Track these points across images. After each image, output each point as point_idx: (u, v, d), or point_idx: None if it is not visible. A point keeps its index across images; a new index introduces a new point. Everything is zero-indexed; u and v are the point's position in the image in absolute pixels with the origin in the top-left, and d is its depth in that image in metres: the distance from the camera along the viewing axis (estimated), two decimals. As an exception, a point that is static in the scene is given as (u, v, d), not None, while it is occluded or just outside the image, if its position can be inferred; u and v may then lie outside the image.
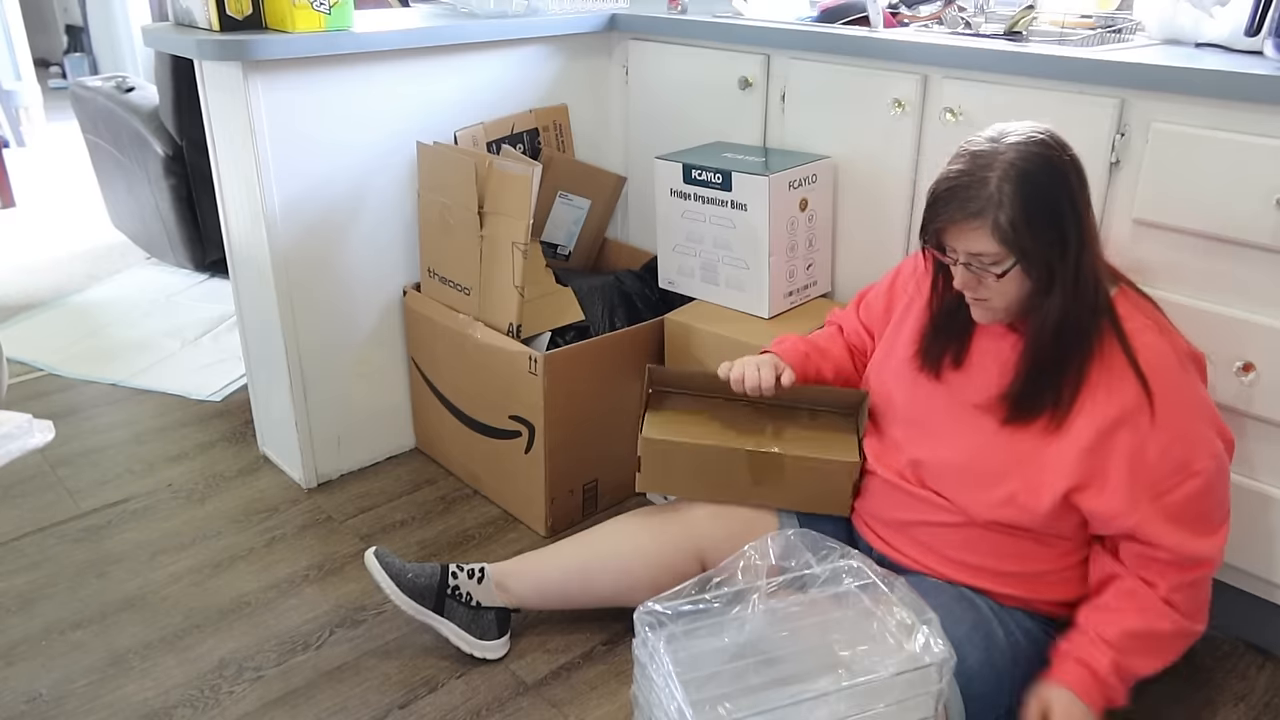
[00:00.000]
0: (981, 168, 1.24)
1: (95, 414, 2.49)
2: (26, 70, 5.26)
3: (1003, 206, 1.22)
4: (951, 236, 1.28)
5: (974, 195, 1.23)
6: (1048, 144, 1.25)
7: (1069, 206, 1.25)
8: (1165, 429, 1.27)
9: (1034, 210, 1.22)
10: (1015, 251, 1.24)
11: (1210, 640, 1.70)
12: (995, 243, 1.23)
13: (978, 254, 1.26)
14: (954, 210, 1.25)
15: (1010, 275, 1.26)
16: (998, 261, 1.25)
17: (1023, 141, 1.24)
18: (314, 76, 1.90)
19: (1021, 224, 1.22)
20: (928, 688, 1.19)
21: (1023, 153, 1.23)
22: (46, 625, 1.75)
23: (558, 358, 1.88)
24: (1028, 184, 1.22)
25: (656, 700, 1.22)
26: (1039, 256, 1.24)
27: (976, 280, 1.29)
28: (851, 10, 2.01)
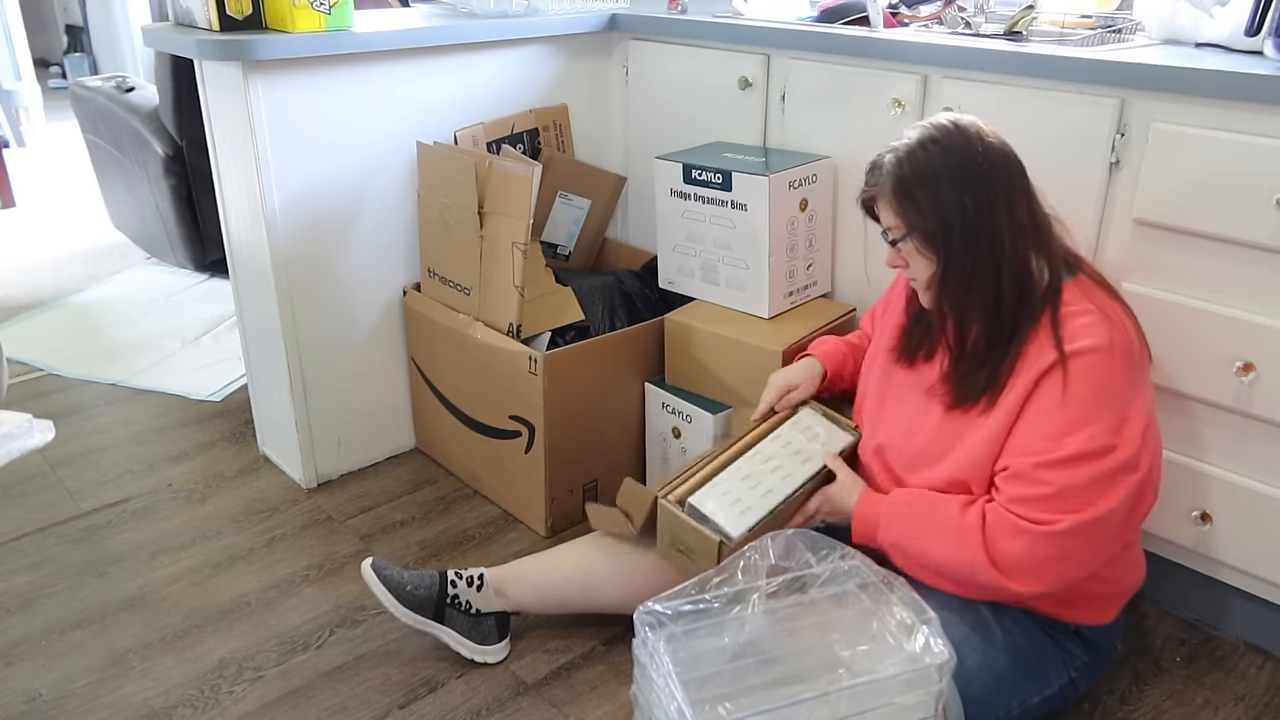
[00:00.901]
0: (899, 147, 1.33)
1: (95, 414, 2.49)
2: (26, 70, 5.26)
3: (889, 176, 1.32)
4: (879, 210, 1.37)
5: (874, 169, 1.35)
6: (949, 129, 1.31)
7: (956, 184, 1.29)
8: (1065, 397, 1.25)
9: (912, 181, 1.30)
10: (904, 221, 1.32)
11: (1210, 640, 1.70)
12: (892, 214, 1.34)
13: (887, 226, 1.36)
14: (868, 182, 1.37)
15: (908, 248, 1.34)
16: (894, 230, 1.34)
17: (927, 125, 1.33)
18: (314, 76, 1.90)
19: (902, 193, 1.31)
20: (928, 688, 1.19)
21: (922, 132, 1.32)
22: (46, 625, 1.75)
23: (558, 358, 1.88)
24: (909, 158, 1.31)
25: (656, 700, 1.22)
26: (923, 229, 1.31)
27: (896, 255, 1.37)
28: (851, 10, 2.01)
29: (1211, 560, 1.63)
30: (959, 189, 1.29)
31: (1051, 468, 1.25)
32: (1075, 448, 1.24)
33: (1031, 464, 1.26)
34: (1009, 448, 1.30)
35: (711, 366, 1.93)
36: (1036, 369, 1.28)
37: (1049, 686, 1.39)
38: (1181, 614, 1.76)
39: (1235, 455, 1.55)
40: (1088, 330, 1.28)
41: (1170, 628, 1.73)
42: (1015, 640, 1.37)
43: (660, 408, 2.03)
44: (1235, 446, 1.55)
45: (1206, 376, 1.53)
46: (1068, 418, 1.25)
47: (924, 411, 1.42)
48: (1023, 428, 1.29)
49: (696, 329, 1.94)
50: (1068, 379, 1.26)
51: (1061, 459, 1.24)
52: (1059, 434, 1.25)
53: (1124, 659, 1.65)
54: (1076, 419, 1.25)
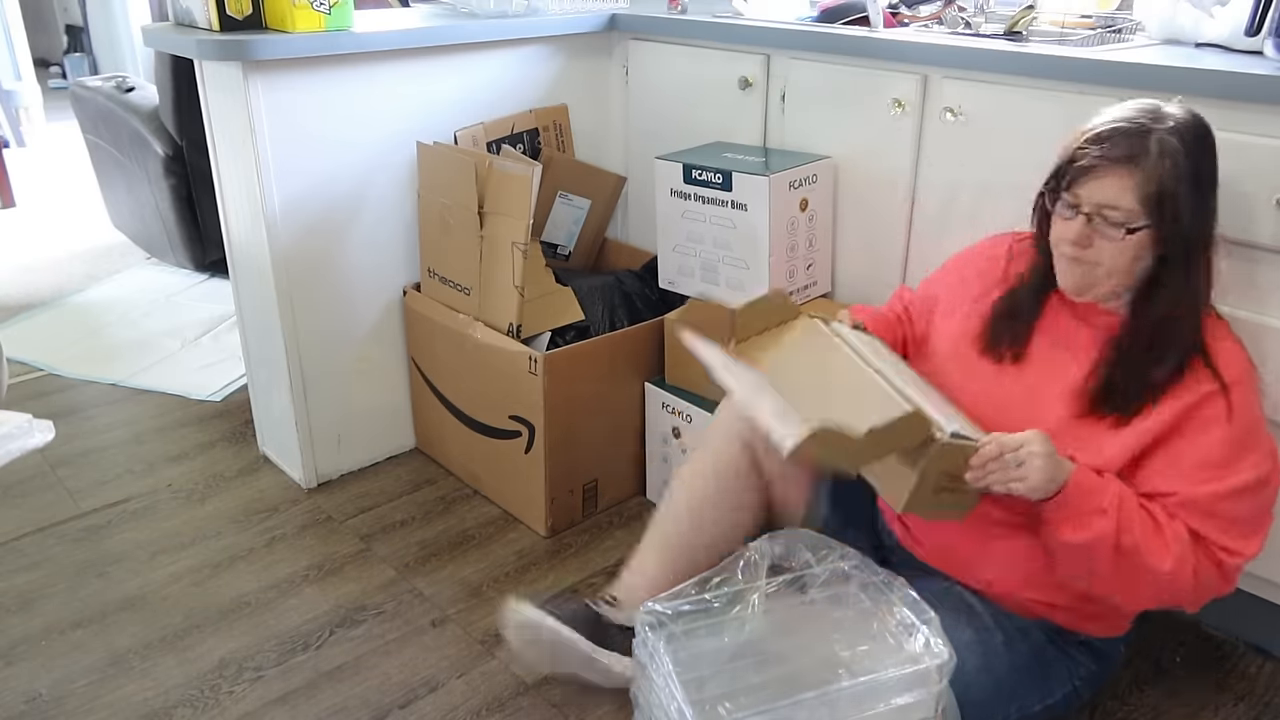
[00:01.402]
0: (1151, 119, 1.18)
1: (95, 414, 2.49)
2: (26, 70, 5.26)
3: (1164, 162, 1.16)
4: (1091, 181, 1.19)
5: (1135, 140, 1.17)
6: (1207, 127, 1.20)
7: (1212, 194, 1.21)
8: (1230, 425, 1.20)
9: (1193, 177, 1.17)
10: (1154, 214, 1.17)
11: (1210, 640, 1.70)
12: (1136, 199, 1.17)
13: (1110, 206, 1.18)
14: (1108, 149, 1.17)
15: (1135, 238, 1.18)
16: (1130, 219, 1.17)
17: (1187, 113, 1.20)
18: (314, 76, 1.90)
19: (1174, 186, 1.16)
20: (928, 688, 1.19)
21: (1195, 123, 1.19)
22: (46, 625, 1.75)
23: (558, 358, 1.88)
24: (1193, 149, 1.17)
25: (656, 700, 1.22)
26: (1173, 229, 1.18)
27: (1089, 237, 1.21)
28: (851, 10, 2.01)
29: (1211, 560, 1.63)
30: (1214, 199, 1.21)
31: (1226, 499, 1.20)
32: (1246, 476, 1.20)
33: (1208, 494, 1.20)
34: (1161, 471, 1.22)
35: (711, 366, 1.92)
36: (1191, 395, 1.21)
37: (1051, 695, 1.37)
38: (1181, 614, 1.75)
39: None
40: (1238, 359, 1.24)
41: (1170, 628, 1.73)
42: (1018, 647, 1.34)
43: (660, 408, 2.03)
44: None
45: (1206, 376, 1.52)
46: (1233, 447, 1.20)
47: (1034, 413, 1.29)
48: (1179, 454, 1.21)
49: (696, 329, 1.93)
50: (1232, 409, 1.20)
51: (1235, 489, 1.20)
52: (1226, 462, 1.20)
53: (1124, 659, 1.65)
54: (1241, 448, 1.20)
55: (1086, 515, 1.18)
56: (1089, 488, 1.19)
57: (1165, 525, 1.20)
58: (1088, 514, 1.18)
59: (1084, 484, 1.19)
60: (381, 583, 1.86)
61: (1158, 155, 1.16)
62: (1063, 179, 1.23)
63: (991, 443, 1.19)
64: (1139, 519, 1.20)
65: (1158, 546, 1.19)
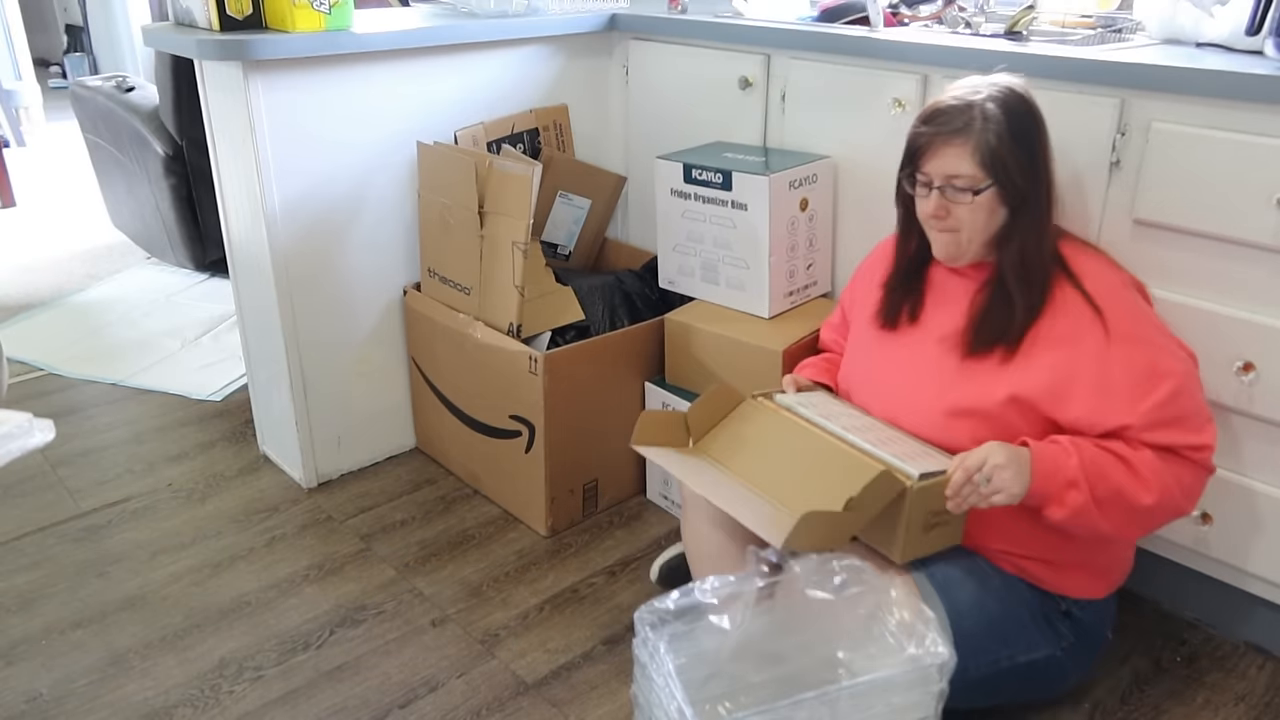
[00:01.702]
0: (967, 96, 1.33)
1: (95, 414, 2.49)
2: (26, 70, 5.26)
3: (988, 128, 1.30)
4: (932, 157, 1.34)
5: (960, 114, 1.32)
6: (1022, 93, 1.35)
7: (1040, 144, 1.35)
8: (1121, 342, 1.30)
9: (1014, 136, 1.31)
10: (993, 173, 1.31)
11: (1210, 640, 1.70)
12: (974, 164, 1.31)
13: (955, 175, 1.32)
14: (939, 127, 1.33)
15: (983, 199, 1.32)
16: (975, 183, 1.32)
17: (1001, 84, 1.35)
18: (314, 76, 1.90)
19: (1001, 147, 1.30)
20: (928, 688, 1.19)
21: (1004, 90, 1.34)
22: (46, 625, 1.75)
23: (558, 357, 1.88)
24: (1010, 112, 1.32)
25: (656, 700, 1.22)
26: (1012, 183, 1.32)
27: (946, 207, 1.35)
28: (851, 10, 2.01)
29: (1211, 560, 1.63)
30: (1043, 149, 1.35)
31: (1170, 402, 1.28)
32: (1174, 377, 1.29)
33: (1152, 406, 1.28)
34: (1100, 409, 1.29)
35: (711, 366, 1.93)
36: (1069, 322, 1.32)
37: (1035, 650, 1.39)
38: (1181, 614, 1.76)
39: (1235, 455, 1.55)
40: (1104, 273, 1.36)
41: (1170, 628, 1.73)
42: (1012, 594, 1.39)
43: (660, 407, 2.03)
44: (1235, 446, 1.55)
45: (1206, 376, 1.52)
46: (1144, 355, 1.30)
47: (934, 369, 1.42)
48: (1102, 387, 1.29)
49: (696, 329, 1.94)
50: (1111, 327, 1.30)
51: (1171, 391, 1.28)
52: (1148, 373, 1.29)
53: (1124, 659, 1.65)
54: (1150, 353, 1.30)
55: (1060, 492, 1.28)
56: (1051, 468, 1.28)
57: (1134, 460, 1.28)
58: (1061, 490, 1.28)
59: (1046, 467, 1.28)
60: (381, 583, 1.86)
61: (982, 122, 1.31)
62: (910, 161, 1.38)
63: (958, 469, 1.28)
64: (1108, 468, 1.28)
65: (1135, 485, 1.28)
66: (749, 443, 1.50)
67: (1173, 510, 1.32)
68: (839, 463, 1.37)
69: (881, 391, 1.50)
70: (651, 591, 1.80)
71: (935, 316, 1.46)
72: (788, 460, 1.43)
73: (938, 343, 1.43)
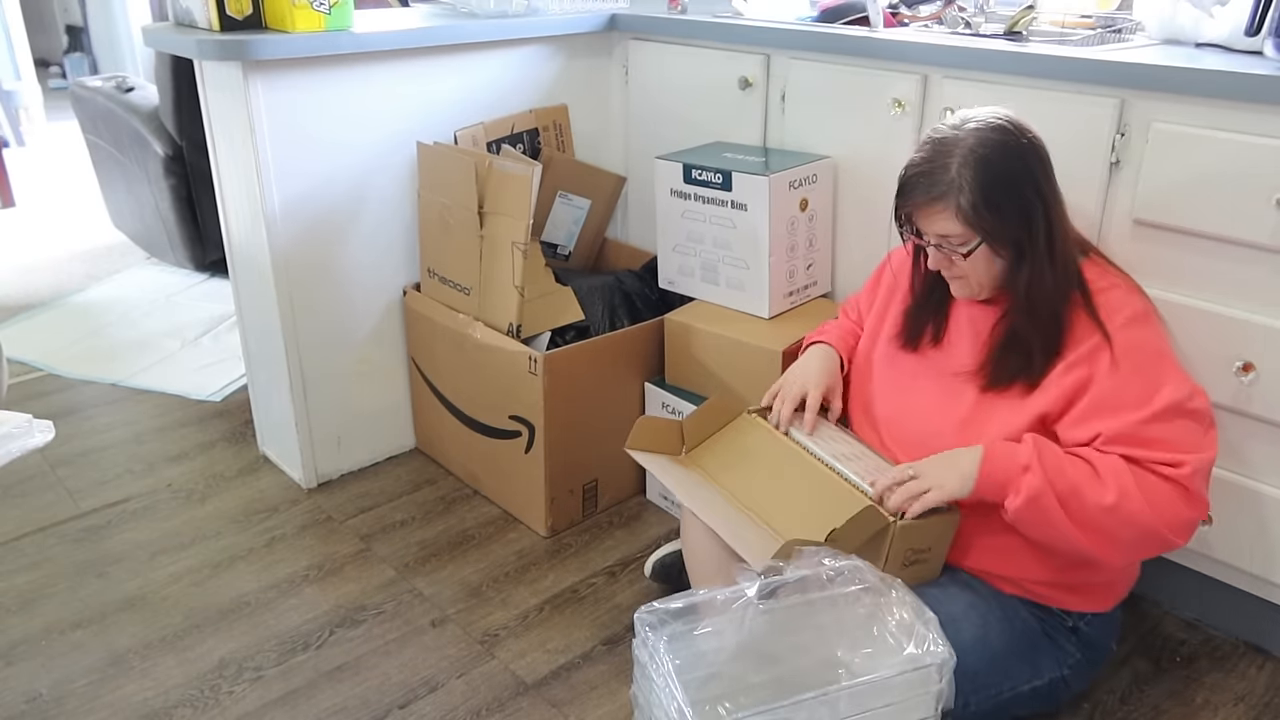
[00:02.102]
0: (943, 154, 1.30)
1: (95, 414, 2.49)
2: (26, 70, 5.26)
3: (963, 190, 1.28)
4: (920, 220, 1.34)
5: (936, 180, 1.30)
6: (1005, 129, 1.30)
7: (1030, 186, 1.30)
8: (1123, 367, 1.29)
9: (993, 191, 1.28)
10: (979, 232, 1.30)
11: (1210, 640, 1.70)
12: (959, 224, 1.29)
13: (945, 235, 1.32)
14: (918, 195, 1.32)
15: (977, 254, 1.32)
16: (965, 242, 1.31)
17: (981, 127, 1.30)
18: (314, 76, 1.90)
19: (981, 205, 1.28)
20: (928, 688, 1.19)
21: (981, 138, 1.29)
22: (46, 625, 1.75)
23: (558, 358, 1.88)
24: (986, 167, 1.28)
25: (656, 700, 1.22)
26: (1003, 235, 1.30)
27: (948, 260, 1.35)
28: (851, 10, 2.01)
29: (1211, 560, 1.63)
30: (1033, 190, 1.30)
31: (1150, 423, 1.27)
32: (1164, 401, 1.27)
33: (1133, 422, 1.27)
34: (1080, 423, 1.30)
35: (711, 366, 1.93)
36: (1084, 348, 1.31)
37: (1040, 677, 1.40)
38: (1181, 614, 1.75)
39: (1235, 455, 1.55)
40: (1122, 302, 1.34)
41: (1170, 628, 1.73)
42: (1013, 625, 1.38)
43: (660, 408, 2.03)
44: (1235, 446, 1.55)
45: (1206, 376, 1.52)
46: (1141, 383, 1.28)
47: (953, 398, 1.42)
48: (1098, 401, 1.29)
49: (696, 329, 1.94)
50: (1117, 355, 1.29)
51: (1156, 413, 1.27)
52: (1140, 399, 1.28)
53: (1124, 659, 1.65)
54: (1149, 381, 1.29)
55: (1014, 477, 1.28)
56: (1004, 451, 1.30)
57: (1097, 461, 1.27)
58: (1015, 475, 1.28)
59: (998, 451, 1.30)
60: (381, 583, 1.86)
61: (958, 184, 1.28)
62: (900, 220, 1.38)
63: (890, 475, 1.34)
64: (1068, 465, 1.27)
65: (1095, 483, 1.26)
66: (741, 460, 1.52)
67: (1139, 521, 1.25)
68: (826, 491, 1.39)
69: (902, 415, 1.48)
70: (651, 592, 1.80)
71: (958, 345, 1.45)
72: (777, 483, 1.46)
73: (955, 375, 1.43)
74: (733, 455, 1.53)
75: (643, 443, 1.55)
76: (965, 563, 1.42)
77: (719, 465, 1.53)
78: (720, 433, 1.57)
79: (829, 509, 1.34)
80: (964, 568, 1.42)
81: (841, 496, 1.37)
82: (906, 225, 1.37)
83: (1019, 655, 1.38)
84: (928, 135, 1.35)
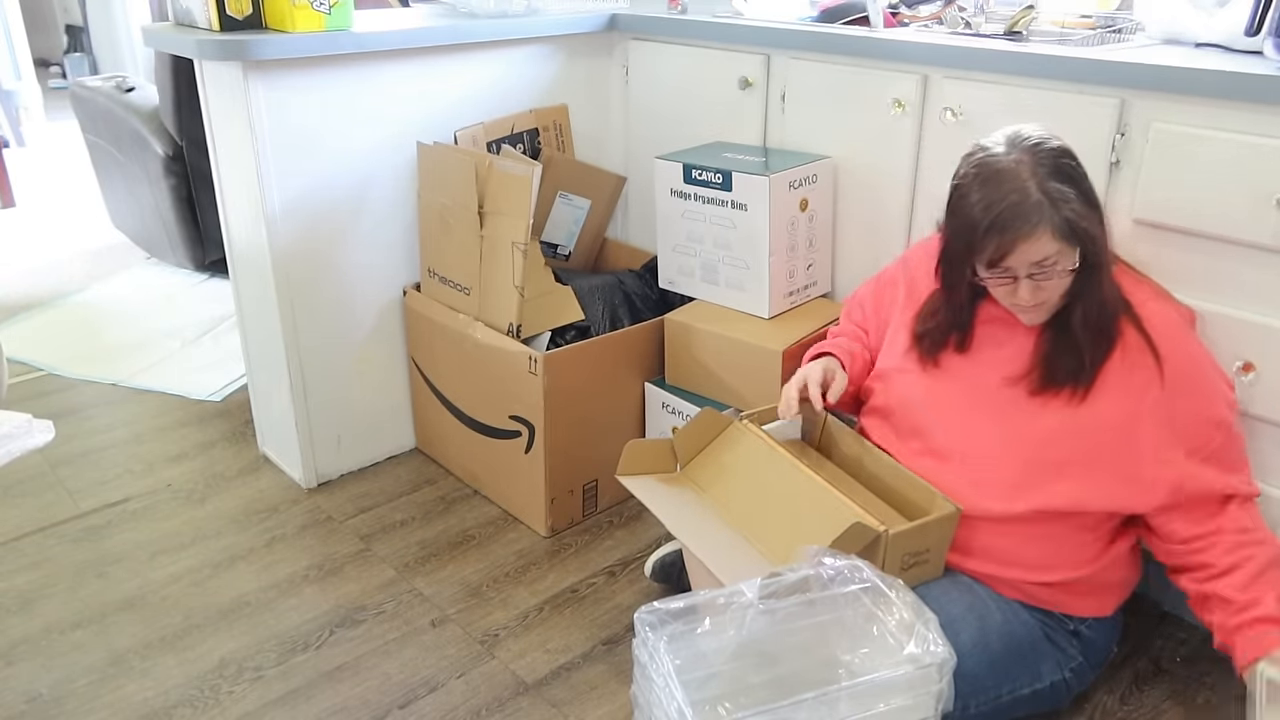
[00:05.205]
0: (1014, 181, 1.27)
1: (95, 414, 2.49)
2: (26, 70, 5.26)
3: (1056, 207, 1.26)
4: (1014, 255, 1.28)
5: (1025, 208, 1.26)
6: (1044, 141, 1.31)
7: (1091, 189, 1.32)
8: (1182, 392, 1.33)
9: (1076, 201, 1.28)
10: (1079, 243, 1.28)
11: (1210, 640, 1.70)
12: (1057, 241, 1.27)
13: (1042, 260, 1.28)
14: (1018, 227, 1.26)
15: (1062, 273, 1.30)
16: (1061, 259, 1.28)
17: (1027, 146, 1.30)
18: (314, 76, 1.90)
19: (1074, 217, 1.26)
20: (928, 688, 1.19)
21: (1036, 156, 1.29)
22: (46, 625, 1.75)
23: (558, 358, 1.88)
24: (1062, 179, 1.28)
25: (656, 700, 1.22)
26: (1093, 238, 1.29)
27: (1039, 288, 1.31)
28: (851, 10, 2.01)
29: (1211, 560, 1.63)
30: (1095, 202, 1.32)
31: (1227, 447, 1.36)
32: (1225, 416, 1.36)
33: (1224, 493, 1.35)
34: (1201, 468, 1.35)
35: (711, 366, 1.93)
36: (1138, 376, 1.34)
37: (1040, 680, 1.40)
38: (1181, 614, 1.75)
39: (1235, 455, 1.55)
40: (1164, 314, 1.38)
41: (1170, 628, 1.73)
42: (1013, 628, 1.38)
43: (660, 408, 2.03)
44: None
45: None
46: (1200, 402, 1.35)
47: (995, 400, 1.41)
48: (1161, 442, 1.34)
49: (696, 329, 1.94)
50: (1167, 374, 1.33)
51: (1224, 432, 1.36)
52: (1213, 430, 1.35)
53: (1124, 659, 1.65)
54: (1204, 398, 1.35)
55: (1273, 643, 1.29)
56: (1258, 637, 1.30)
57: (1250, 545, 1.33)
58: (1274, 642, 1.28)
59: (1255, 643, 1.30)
60: (381, 583, 1.86)
61: (1050, 203, 1.26)
62: (981, 264, 1.32)
63: None
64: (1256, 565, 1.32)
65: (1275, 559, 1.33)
66: (732, 472, 1.51)
67: None
68: (817, 505, 1.39)
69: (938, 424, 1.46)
70: (651, 592, 1.80)
71: (994, 354, 1.43)
72: (767, 496, 1.45)
73: (1002, 380, 1.41)
74: (724, 468, 1.53)
75: (635, 466, 1.55)
76: (966, 566, 1.42)
77: (710, 479, 1.53)
78: (714, 444, 1.57)
79: (820, 523, 1.34)
80: (965, 571, 1.42)
81: (831, 509, 1.36)
82: (995, 267, 1.31)
83: (1019, 658, 1.38)
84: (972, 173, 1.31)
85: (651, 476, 1.55)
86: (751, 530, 1.42)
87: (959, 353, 1.46)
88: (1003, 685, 1.37)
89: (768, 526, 1.41)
